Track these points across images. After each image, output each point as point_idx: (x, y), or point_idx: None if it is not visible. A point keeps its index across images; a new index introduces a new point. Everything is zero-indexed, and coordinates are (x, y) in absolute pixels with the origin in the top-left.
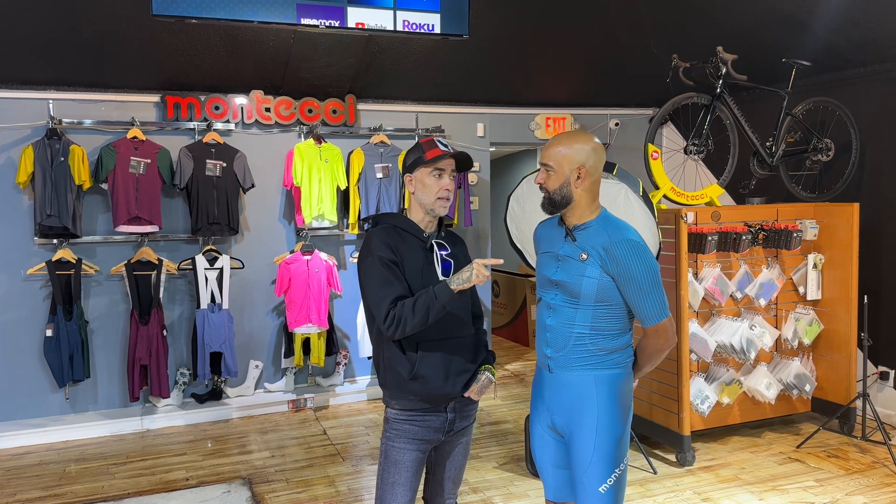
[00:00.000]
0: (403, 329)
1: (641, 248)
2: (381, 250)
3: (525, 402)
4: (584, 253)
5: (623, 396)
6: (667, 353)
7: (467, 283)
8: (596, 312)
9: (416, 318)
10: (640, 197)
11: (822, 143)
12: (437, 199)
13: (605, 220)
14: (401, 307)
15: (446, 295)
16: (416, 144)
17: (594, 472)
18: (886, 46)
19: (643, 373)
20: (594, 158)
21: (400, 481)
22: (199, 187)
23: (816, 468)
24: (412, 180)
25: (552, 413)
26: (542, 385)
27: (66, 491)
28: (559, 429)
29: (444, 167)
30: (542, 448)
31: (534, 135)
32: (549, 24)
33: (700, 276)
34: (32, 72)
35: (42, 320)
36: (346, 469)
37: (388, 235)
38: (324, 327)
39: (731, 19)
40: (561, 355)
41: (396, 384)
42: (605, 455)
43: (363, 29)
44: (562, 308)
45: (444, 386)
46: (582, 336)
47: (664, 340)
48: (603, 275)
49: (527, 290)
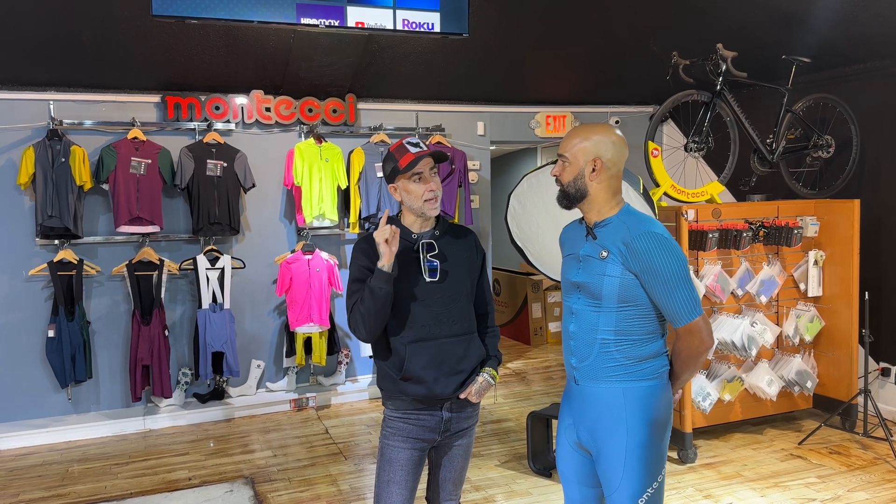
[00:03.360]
0: (361, 326)
1: (665, 241)
2: (358, 259)
3: (526, 401)
4: (605, 250)
5: (657, 411)
6: (704, 357)
7: (379, 248)
8: (620, 315)
9: (364, 311)
10: (641, 194)
11: (822, 140)
12: (424, 202)
13: (627, 214)
14: (356, 307)
15: (377, 278)
16: (387, 153)
17: (624, 492)
18: (886, 43)
19: (682, 382)
20: (613, 151)
21: (395, 479)
22: (200, 187)
23: (818, 465)
24: (396, 189)
25: (578, 429)
26: (570, 398)
27: (68, 491)
28: (586, 446)
29: (422, 169)
30: (567, 464)
31: (534, 133)
32: (548, 22)
33: (701, 273)
34: (33, 73)
35: (44, 321)
36: (348, 468)
37: (369, 243)
38: (325, 326)
39: (730, 16)
40: (586, 365)
41: (389, 384)
42: (635, 475)
43: (363, 28)
44: (584, 312)
45: (435, 386)
46: (606, 342)
47: (699, 342)
48: (625, 272)
49: (527, 288)
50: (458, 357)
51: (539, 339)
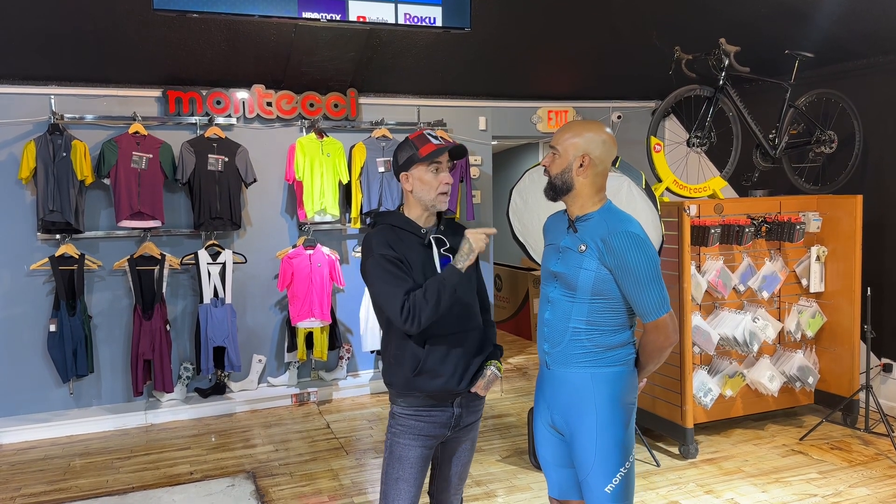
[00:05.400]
0: (419, 319)
1: (640, 240)
2: (382, 249)
3: (528, 396)
4: (584, 244)
5: (624, 395)
6: (668, 351)
7: (470, 254)
8: (592, 306)
9: (430, 305)
10: (643, 190)
11: (825, 135)
12: (438, 195)
13: (608, 211)
14: (413, 297)
15: (455, 275)
16: (405, 141)
17: (598, 473)
18: (889, 38)
19: (647, 372)
20: (601, 150)
21: (404, 477)
22: (202, 182)
23: (819, 460)
24: (409, 178)
25: (552, 411)
26: (543, 382)
27: (70, 485)
28: (559, 428)
29: (441, 160)
30: (545, 446)
31: (536, 128)
32: (551, 16)
33: (703, 268)
34: (34, 67)
35: (45, 316)
36: (349, 462)
37: (386, 235)
38: (326, 321)
39: (733, 11)
40: (557, 350)
41: (402, 380)
42: (607, 455)
43: (364, 22)
44: (559, 301)
45: (451, 381)
46: (578, 331)
47: (664, 338)
48: (600, 267)
49: (529, 283)
50: (472, 351)
51: None
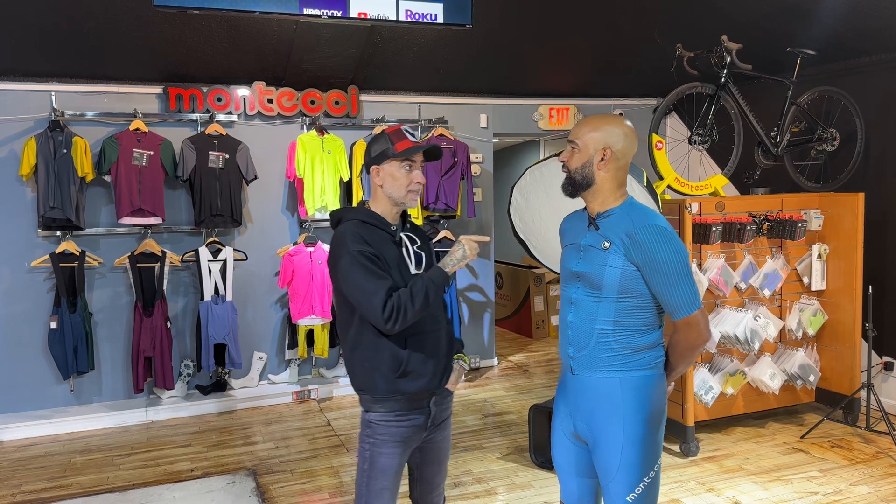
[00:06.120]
0: (404, 319)
1: (669, 234)
2: (358, 245)
3: (528, 394)
4: (607, 241)
5: (654, 401)
6: (700, 350)
7: (462, 261)
8: (619, 306)
9: (416, 305)
10: (644, 187)
11: (826, 133)
12: (407, 192)
13: (630, 206)
14: (398, 297)
15: (442, 277)
16: (381, 134)
17: (622, 482)
18: (891, 35)
19: (677, 373)
20: (623, 143)
21: (388, 486)
22: (202, 179)
23: (820, 458)
24: (380, 172)
25: (574, 419)
26: (566, 388)
27: (71, 482)
28: (582, 436)
29: (416, 159)
30: (563, 454)
31: (537, 125)
32: (552, 13)
33: (704, 266)
34: (34, 64)
35: (46, 312)
36: (350, 460)
37: (359, 230)
38: (327, 319)
39: (735, 8)
40: (583, 354)
41: (381, 384)
42: (632, 465)
43: (366, 19)
44: (583, 302)
45: (433, 381)
46: (605, 332)
47: (696, 335)
48: (627, 264)
49: (530, 281)
50: (446, 347)
51: (541, 333)
